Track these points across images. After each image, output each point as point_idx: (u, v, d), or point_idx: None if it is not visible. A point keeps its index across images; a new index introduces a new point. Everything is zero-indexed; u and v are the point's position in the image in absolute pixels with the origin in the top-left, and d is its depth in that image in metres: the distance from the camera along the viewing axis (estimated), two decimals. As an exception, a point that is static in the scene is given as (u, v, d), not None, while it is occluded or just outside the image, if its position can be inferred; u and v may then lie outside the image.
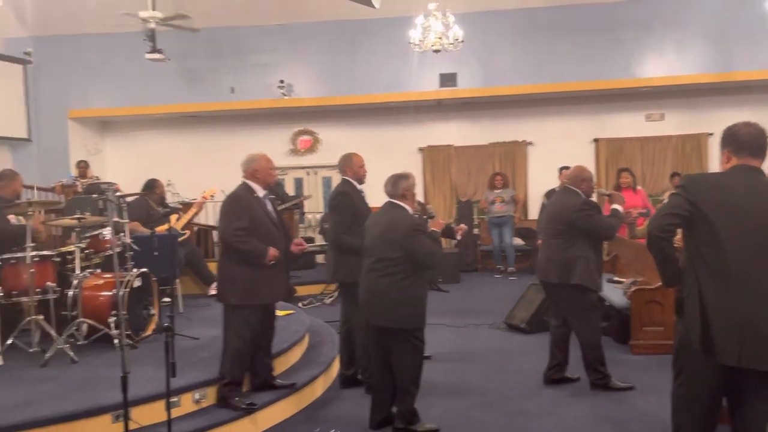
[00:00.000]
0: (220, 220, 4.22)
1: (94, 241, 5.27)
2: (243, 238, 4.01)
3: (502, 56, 10.36)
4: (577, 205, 4.56)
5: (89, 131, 11.52)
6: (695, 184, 2.81)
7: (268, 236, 4.11)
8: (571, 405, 4.41)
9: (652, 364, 5.10)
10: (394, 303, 3.81)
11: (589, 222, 4.51)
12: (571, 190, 4.71)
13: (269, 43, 10.73)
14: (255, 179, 4.18)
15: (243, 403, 4.03)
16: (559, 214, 4.68)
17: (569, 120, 10.97)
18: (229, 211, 4.09)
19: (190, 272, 7.19)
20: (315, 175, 11.75)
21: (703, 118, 10.48)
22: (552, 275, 4.62)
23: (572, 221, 4.54)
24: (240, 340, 4.05)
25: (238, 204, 4.08)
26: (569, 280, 4.52)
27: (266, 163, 4.23)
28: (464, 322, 6.88)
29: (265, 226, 4.13)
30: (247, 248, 4.02)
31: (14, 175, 5.31)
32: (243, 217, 4.03)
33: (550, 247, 4.68)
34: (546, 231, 4.83)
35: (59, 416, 3.48)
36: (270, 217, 4.20)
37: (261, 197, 4.19)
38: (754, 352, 2.65)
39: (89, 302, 4.89)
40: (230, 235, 4.03)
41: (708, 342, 2.72)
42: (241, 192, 4.15)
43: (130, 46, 9.86)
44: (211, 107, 10.90)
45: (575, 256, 4.52)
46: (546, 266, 4.70)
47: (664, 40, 10.09)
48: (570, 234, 4.55)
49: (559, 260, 4.57)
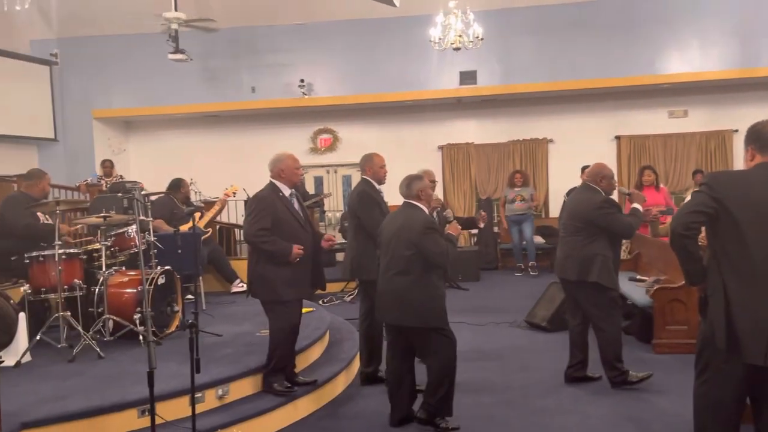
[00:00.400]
0: (244, 221, 4.32)
1: (119, 239, 5.37)
2: (265, 238, 4.08)
3: (522, 53, 10.31)
4: (596, 203, 4.54)
5: (113, 131, 11.70)
6: (719, 181, 2.79)
7: (293, 235, 4.17)
8: (592, 403, 4.39)
9: (675, 363, 5.06)
10: (411, 302, 3.83)
11: (608, 220, 4.49)
12: (590, 188, 4.68)
13: (289, 42, 10.79)
14: (281, 179, 4.25)
15: (283, 385, 4.21)
16: (578, 212, 4.65)
17: (590, 117, 10.88)
18: (252, 211, 4.18)
19: (213, 270, 7.27)
20: (335, 173, 11.81)
21: (727, 115, 10.33)
22: (570, 273, 4.60)
23: (591, 219, 4.52)
24: (279, 332, 4.19)
25: (261, 204, 4.16)
26: (587, 277, 4.50)
27: (292, 162, 4.30)
28: (485, 321, 6.87)
29: (290, 224, 4.18)
30: (270, 248, 4.10)
31: (42, 175, 5.43)
32: (266, 217, 4.10)
33: (569, 244, 4.66)
34: (565, 228, 4.80)
35: (86, 411, 3.55)
36: (296, 216, 4.25)
37: (287, 196, 4.25)
38: None
39: (115, 299, 4.98)
40: (253, 236, 4.13)
41: (733, 341, 2.70)
42: (266, 192, 4.23)
43: (152, 47, 9.99)
44: (232, 107, 11.00)
45: (594, 253, 4.50)
46: (564, 263, 4.68)
47: (687, 36, 9.95)
48: (589, 231, 4.53)
49: (578, 257, 4.55)
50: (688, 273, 2.92)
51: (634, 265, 7.13)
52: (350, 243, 4.90)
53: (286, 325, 4.19)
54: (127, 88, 11.11)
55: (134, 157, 11.94)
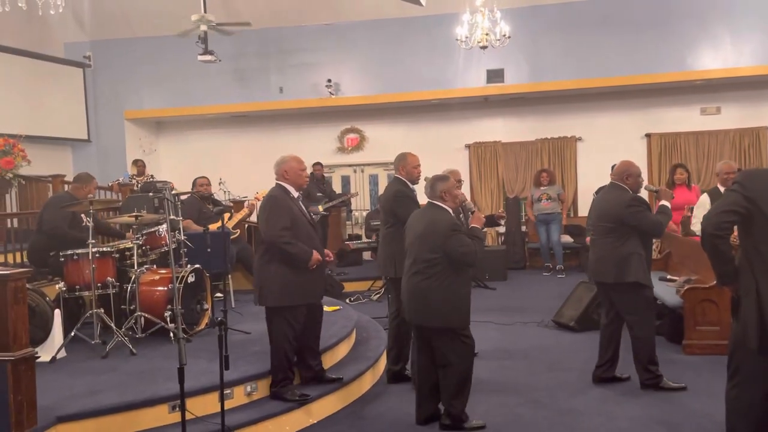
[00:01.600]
0: (261, 221, 4.19)
1: (150, 238, 5.47)
2: (288, 239, 4.02)
3: (550, 51, 10.22)
4: (625, 201, 4.48)
5: (144, 131, 11.91)
6: (752, 179, 2.74)
7: (308, 237, 4.15)
8: (620, 404, 4.35)
9: (705, 364, 4.98)
10: (436, 303, 3.83)
11: (637, 218, 4.43)
12: (618, 186, 4.62)
13: (316, 42, 10.87)
14: (285, 180, 4.21)
15: (296, 395, 4.14)
16: (607, 211, 4.59)
17: (620, 115, 10.74)
18: (270, 211, 4.10)
19: (242, 268, 7.36)
20: (362, 172, 11.85)
21: (761, 112, 10.11)
22: (607, 275, 4.51)
23: (621, 218, 4.46)
24: (284, 340, 4.12)
25: (278, 204, 4.11)
26: (625, 278, 4.43)
27: (296, 164, 4.24)
28: (511, 320, 6.84)
29: (305, 226, 4.18)
30: (294, 251, 4.03)
31: (90, 179, 5.56)
32: (284, 216, 4.06)
33: (602, 246, 4.58)
34: (595, 229, 4.73)
35: (119, 406, 3.64)
36: (308, 218, 4.25)
37: (296, 197, 4.23)
38: None
39: (146, 297, 5.09)
40: (277, 236, 4.02)
41: (765, 342, 2.65)
42: (277, 192, 4.18)
43: (182, 49, 10.14)
44: (260, 107, 11.12)
45: (629, 253, 4.44)
46: (599, 266, 4.60)
47: (719, 31, 9.75)
48: (621, 231, 4.47)
49: (613, 258, 4.47)
50: (719, 273, 2.88)
51: (665, 265, 7.02)
52: (383, 241, 4.87)
53: (290, 332, 4.10)
54: (158, 89, 11.32)
55: (164, 157, 12.14)
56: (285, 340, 4.12)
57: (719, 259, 2.82)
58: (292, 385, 4.21)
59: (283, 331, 4.11)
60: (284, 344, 4.12)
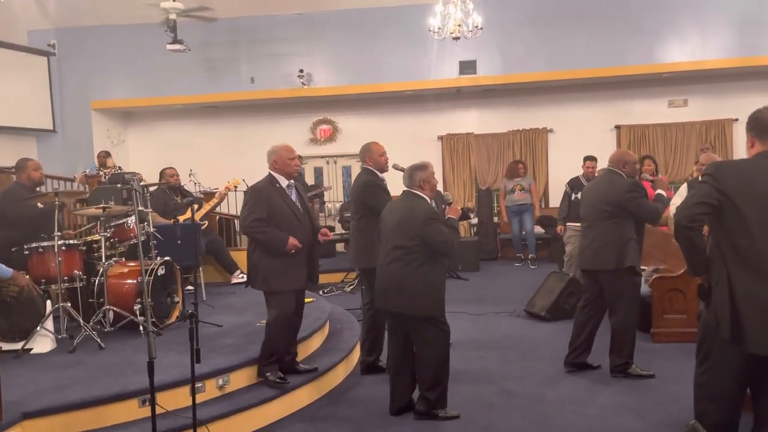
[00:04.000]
0: (241, 211, 4.32)
1: (118, 230, 5.36)
2: (260, 228, 4.11)
3: (522, 43, 10.27)
4: (626, 186, 4.50)
5: (112, 121, 11.67)
6: (723, 171, 2.77)
7: (289, 226, 4.18)
8: (591, 392, 4.41)
9: (673, 352, 5.08)
10: (410, 291, 3.84)
11: (636, 203, 4.44)
12: (614, 173, 4.65)
13: (288, 32, 10.75)
14: (275, 170, 4.27)
15: (276, 376, 4.21)
16: (606, 197, 4.56)
17: (590, 107, 10.86)
18: (247, 203, 4.20)
19: (213, 260, 7.28)
20: (335, 164, 11.79)
21: (727, 104, 10.31)
22: (608, 262, 4.48)
23: (621, 203, 4.46)
24: (274, 321, 4.20)
25: (257, 195, 4.18)
26: (624, 263, 4.46)
27: (285, 153, 4.29)
28: (484, 310, 6.89)
29: (286, 216, 4.19)
30: (264, 239, 4.13)
31: (23, 163, 5.32)
32: (261, 207, 4.12)
33: (601, 232, 4.54)
34: (591, 216, 4.67)
35: (87, 401, 3.56)
36: (291, 207, 4.25)
37: (284, 187, 4.26)
38: None
39: (115, 290, 4.99)
40: (248, 227, 4.15)
41: (737, 331, 2.70)
42: (262, 184, 4.25)
43: (151, 37, 9.96)
44: (231, 97, 10.97)
45: (628, 238, 4.48)
46: (598, 253, 4.54)
47: (686, 25, 9.91)
48: (620, 217, 4.48)
49: (613, 244, 4.46)
50: (692, 264, 2.92)
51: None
52: (354, 233, 4.90)
53: (281, 315, 4.20)
54: (126, 79, 11.08)
55: (133, 148, 11.92)
56: (276, 320, 4.20)
57: (692, 250, 2.86)
58: (275, 367, 4.27)
59: (275, 312, 4.20)
60: (275, 324, 4.20)
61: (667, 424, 3.79)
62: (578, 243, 7.20)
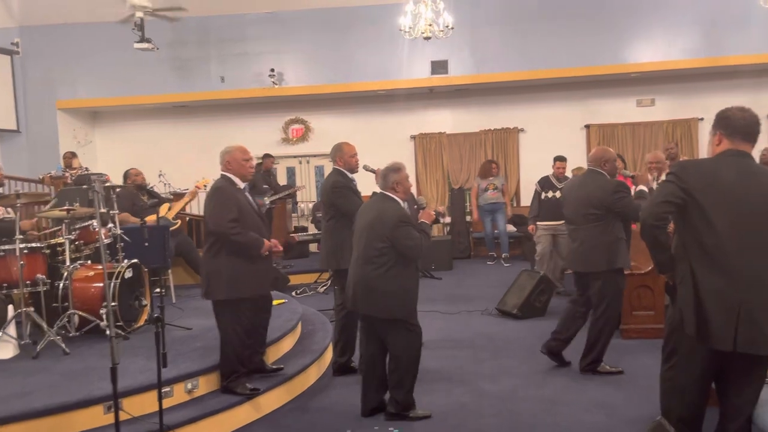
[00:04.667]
0: (208, 213, 4.07)
1: (84, 233, 5.25)
2: (237, 230, 3.94)
3: (493, 43, 10.32)
4: (611, 187, 4.49)
5: (79, 121, 11.44)
6: (687, 171, 2.81)
7: (255, 227, 4.09)
8: (562, 390, 4.44)
9: (642, 348, 5.14)
10: (381, 293, 3.82)
11: (623, 203, 4.44)
12: (596, 173, 4.63)
13: (258, 31, 10.66)
14: (229, 171, 4.11)
15: (246, 389, 4.08)
16: (591, 199, 4.52)
17: (560, 106, 10.97)
18: (217, 203, 4.00)
19: (182, 262, 7.17)
20: (307, 164, 11.73)
21: (692, 103, 10.50)
22: (599, 264, 4.47)
23: (608, 204, 4.45)
24: (233, 335, 4.03)
25: (224, 195, 4.01)
26: (615, 265, 4.47)
27: (239, 154, 4.12)
28: (457, 309, 6.91)
29: (252, 216, 4.10)
30: (244, 240, 3.96)
31: None
32: (232, 208, 3.97)
33: (589, 234, 4.51)
34: (577, 219, 4.63)
35: (51, 407, 3.47)
36: (254, 209, 4.18)
37: (242, 188, 4.15)
38: (749, 337, 2.67)
39: (80, 294, 4.88)
40: (227, 228, 3.92)
41: (703, 328, 2.74)
42: (222, 183, 4.08)
43: (118, 36, 9.77)
44: (201, 97, 10.84)
45: (617, 238, 4.49)
46: (588, 255, 4.52)
47: (653, 25, 10.06)
48: (607, 218, 4.48)
49: (603, 246, 4.46)
50: (658, 262, 2.96)
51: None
52: (324, 234, 4.86)
53: (239, 326, 4.03)
54: (93, 78, 10.87)
55: (101, 149, 11.71)
56: (233, 333, 4.03)
57: (658, 248, 2.90)
58: (243, 378, 4.13)
59: (232, 324, 4.03)
60: (233, 338, 4.04)
61: (636, 419, 3.83)
62: (549, 242, 7.35)
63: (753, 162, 2.82)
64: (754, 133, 2.83)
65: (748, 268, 2.68)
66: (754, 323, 2.67)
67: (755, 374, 2.80)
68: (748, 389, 2.81)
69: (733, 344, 2.68)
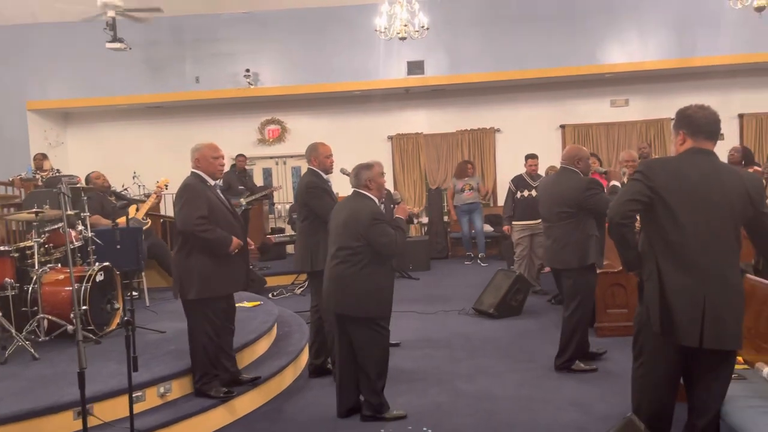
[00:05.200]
0: (177, 211, 4.01)
1: (54, 236, 5.16)
2: (206, 226, 3.89)
3: (469, 44, 10.37)
4: (583, 186, 4.54)
5: (49, 123, 11.24)
6: (653, 169, 2.84)
7: (227, 224, 4.04)
8: (536, 388, 4.47)
9: (616, 345, 5.18)
10: (355, 292, 3.81)
11: (595, 200, 4.48)
12: (569, 171, 4.67)
13: (234, 31, 10.57)
14: (198, 168, 4.07)
15: (220, 392, 4.03)
16: (563, 197, 4.59)
17: (536, 107, 11.05)
18: (185, 201, 3.94)
19: (156, 265, 7.08)
20: (284, 164, 11.66)
21: (665, 103, 10.64)
22: (572, 260, 4.54)
23: (580, 202, 4.50)
24: (204, 336, 4.00)
25: (193, 192, 3.95)
26: (586, 261, 4.51)
27: (209, 151, 4.07)
28: (434, 309, 6.92)
29: (223, 214, 4.05)
30: (212, 237, 3.91)
31: None
32: (201, 206, 3.92)
33: (562, 231, 4.58)
34: (551, 217, 4.71)
35: (19, 414, 3.41)
36: (226, 206, 4.13)
37: (212, 185, 4.09)
38: (715, 333, 2.71)
39: (50, 298, 4.79)
40: (194, 225, 3.88)
41: (668, 324, 2.77)
42: (192, 180, 4.03)
43: (90, 36, 9.63)
44: (175, 97, 10.71)
45: (588, 235, 4.53)
46: (561, 252, 4.60)
47: (627, 27, 10.19)
48: (578, 215, 4.53)
49: (575, 243, 4.52)
50: (625, 260, 2.99)
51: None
52: (300, 235, 4.80)
53: (209, 327, 3.99)
54: (64, 79, 10.68)
55: (73, 150, 11.51)
56: (204, 334, 3.99)
57: (625, 246, 2.93)
58: (215, 381, 4.07)
59: (202, 325, 3.99)
60: (203, 339, 3.99)
61: (610, 416, 3.86)
62: (529, 243, 7.38)
63: (717, 160, 2.86)
64: (716, 131, 2.86)
65: (713, 266, 2.72)
66: (718, 319, 2.71)
67: (722, 370, 2.84)
68: (716, 385, 2.85)
69: (699, 340, 2.72)
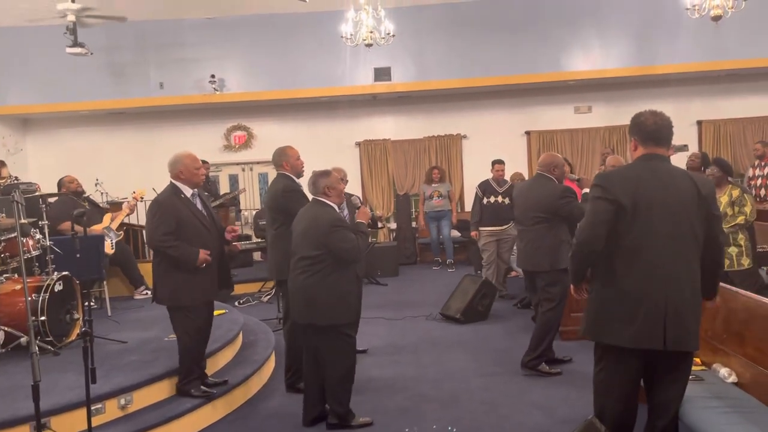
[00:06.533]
0: (146, 225, 4.15)
1: (10, 245, 5.02)
2: (170, 243, 3.96)
3: (435, 50, 10.43)
4: (558, 193, 4.65)
5: (8, 129, 10.95)
6: (611, 180, 2.88)
7: (197, 237, 4.04)
8: (501, 392, 4.50)
9: (579, 348, 5.25)
10: (319, 300, 3.78)
11: (569, 208, 4.61)
12: (545, 177, 4.79)
13: (198, 37, 10.45)
14: (180, 180, 4.10)
15: (200, 391, 4.14)
16: (539, 203, 4.72)
17: (501, 113, 11.17)
18: (153, 216, 4.03)
19: (119, 272, 6.95)
20: (250, 171, 11.56)
21: (627, 110, 10.61)
22: (543, 263, 4.67)
23: (555, 209, 4.62)
24: (186, 336, 4.09)
25: (161, 209, 4.02)
26: (558, 265, 4.59)
27: (191, 162, 4.13)
28: (401, 315, 6.92)
29: (194, 227, 4.05)
30: (175, 253, 3.98)
31: None
32: (167, 221, 3.97)
33: (535, 236, 4.71)
34: (525, 221, 4.84)
35: (-28, 429, 3.31)
36: (199, 218, 4.11)
37: (189, 197, 4.11)
38: (677, 335, 2.75)
39: (6, 309, 4.66)
40: (158, 241, 3.99)
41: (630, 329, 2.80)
42: (166, 195, 4.08)
43: (50, 40, 9.42)
44: (138, 103, 10.52)
45: (560, 240, 4.63)
46: (534, 256, 4.73)
47: (590, 36, 10.37)
48: (552, 221, 4.64)
49: (548, 247, 4.64)
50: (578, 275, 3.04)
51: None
52: (273, 243, 4.62)
53: (191, 330, 4.09)
54: (24, 84, 10.40)
55: (33, 157, 11.24)
56: (186, 334, 4.09)
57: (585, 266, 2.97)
58: (198, 381, 4.18)
59: (184, 326, 4.09)
60: (187, 340, 4.10)
61: (573, 419, 3.91)
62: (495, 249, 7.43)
63: (669, 165, 2.91)
64: (667, 137, 2.91)
65: (670, 268, 2.77)
66: (679, 321, 2.76)
67: (681, 370, 2.89)
68: (675, 386, 2.90)
69: (662, 343, 2.76)
